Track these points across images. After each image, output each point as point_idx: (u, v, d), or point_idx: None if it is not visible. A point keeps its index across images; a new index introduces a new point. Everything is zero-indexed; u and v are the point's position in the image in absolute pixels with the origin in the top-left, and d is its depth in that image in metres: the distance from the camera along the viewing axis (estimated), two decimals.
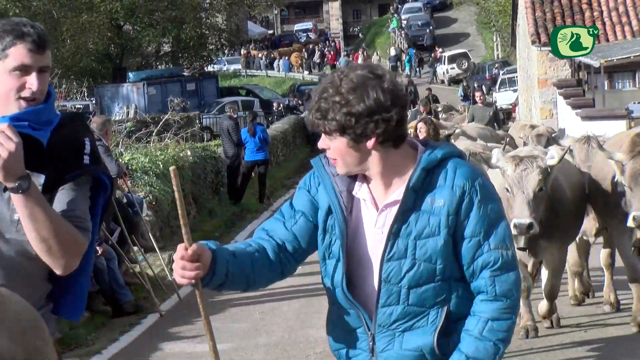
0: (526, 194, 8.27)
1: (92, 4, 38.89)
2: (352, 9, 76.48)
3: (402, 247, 3.46)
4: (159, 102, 35.69)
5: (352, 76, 3.40)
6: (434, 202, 3.46)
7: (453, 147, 3.64)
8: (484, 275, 3.47)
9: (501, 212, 3.54)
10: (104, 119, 13.56)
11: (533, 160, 8.45)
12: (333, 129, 3.44)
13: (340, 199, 3.54)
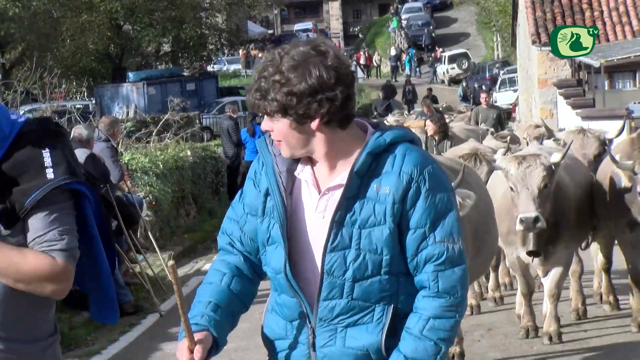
0: (531, 190, 8.17)
1: (92, 4, 38.87)
2: (352, 9, 76.48)
3: (346, 236, 3.25)
4: (159, 102, 35.67)
5: (293, 53, 3.21)
6: (379, 189, 3.25)
7: (406, 130, 3.41)
8: (427, 270, 3.26)
9: (451, 203, 3.31)
10: (111, 120, 13.53)
11: (536, 157, 8.36)
12: (274, 110, 3.23)
13: (279, 180, 3.35)
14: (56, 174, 3.16)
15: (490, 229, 7.91)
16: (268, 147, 3.42)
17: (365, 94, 50.11)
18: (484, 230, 7.64)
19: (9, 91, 21.22)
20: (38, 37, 36.40)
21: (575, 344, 8.97)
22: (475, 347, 9.05)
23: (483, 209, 7.64)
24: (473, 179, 8.06)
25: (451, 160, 8.48)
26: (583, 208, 9.02)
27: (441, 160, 7.84)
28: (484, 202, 7.72)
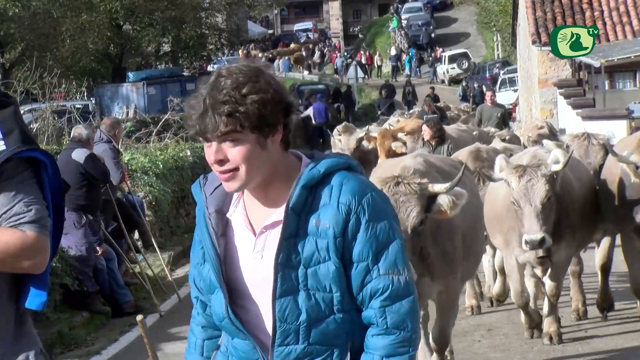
0: (534, 206, 8.02)
1: (92, 4, 38.85)
2: (352, 9, 76.47)
3: (292, 278, 3.06)
4: (159, 102, 35.65)
5: (241, 68, 3.04)
6: (319, 224, 3.06)
7: (342, 157, 3.22)
8: (374, 305, 3.09)
9: (393, 231, 3.13)
10: (113, 121, 13.51)
11: (537, 169, 8.14)
12: (251, 124, 2.99)
13: (208, 222, 3.16)
14: (8, 144, 3.07)
15: (477, 233, 7.86)
16: (201, 188, 3.24)
17: (365, 94, 50.10)
18: (471, 234, 7.61)
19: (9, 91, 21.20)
20: (38, 37, 36.37)
21: (576, 343, 8.97)
22: (475, 347, 9.04)
23: (472, 213, 7.59)
24: (469, 180, 8.00)
25: (442, 160, 8.30)
26: (587, 207, 8.87)
27: (432, 161, 7.77)
28: (473, 206, 7.66)
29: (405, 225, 6.63)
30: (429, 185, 6.80)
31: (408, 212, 6.68)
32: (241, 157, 3.02)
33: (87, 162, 11.19)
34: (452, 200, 6.68)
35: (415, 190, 6.72)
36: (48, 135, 18.21)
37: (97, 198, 11.54)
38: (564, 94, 26.12)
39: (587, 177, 9.14)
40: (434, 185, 6.81)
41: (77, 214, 11.28)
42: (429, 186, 6.79)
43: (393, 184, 6.75)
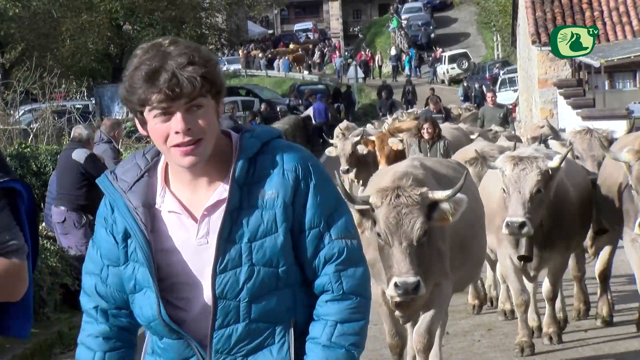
0: (522, 194, 7.93)
1: (92, 4, 38.87)
2: (352, 9, 76.46)
3: (235, 253, 2.93)
4: None
5: (180, 41, 2.95)
6: (264, 195, 2.95)
7: (272, 128, 3.17)
8: (328, 271, 2.98)
9: (339, 194, 3.08)
10: (112, 121, 13.52)
11: (533, 160, 8.09)
12: (212, 88, 2.93)
13: (137, 217, 2.98)
14: None
15: (477, 235, 7.66)
16: (113, 184, 3.06)
17: (365, 94, 50.09)
18: (470, 237, 7.44)
19: (9, 91, 21.21)
20: (38, 37, 36.39)
21: (576, 344, 8.97)
22: (475, 347, 9.04)
23: (471, 215, 7.40)
24: (468, 181, 7.77)
25: (440, 163, 8.18)
26: (582, 212, 8.70)
27: (429, 165, 7.61)
28: (472, 208, 7.47)
29: (410, 237, 6.54)
30: (430, 193, 6.69)
31: (412, 223, 6.56)
32: (207, 124, 2.93)
33: (87, 162, 11.19)
34: (452, 206, 6.60)
35: (417, 201, 6.61)
36: (48, 135, 18.21)
37: (98, 198, 11.51)
38: (563, 94, 26.12)
39: (583, 182, 8.96)
40: (434, 193, 6.70)
41: (77, 214, 11.28)
42: (429, 194, 6.68)
43: (394, 196, 6.63)
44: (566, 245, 8.53)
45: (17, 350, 9.62)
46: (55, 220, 11.48)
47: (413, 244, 6.52)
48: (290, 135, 31.55)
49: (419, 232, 6.55)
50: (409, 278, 6.38)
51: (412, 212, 6.58)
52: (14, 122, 19.33)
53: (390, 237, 6.56)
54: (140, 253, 2.99)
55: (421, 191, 6.67)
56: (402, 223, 6.54)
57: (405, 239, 6.53)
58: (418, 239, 6.55)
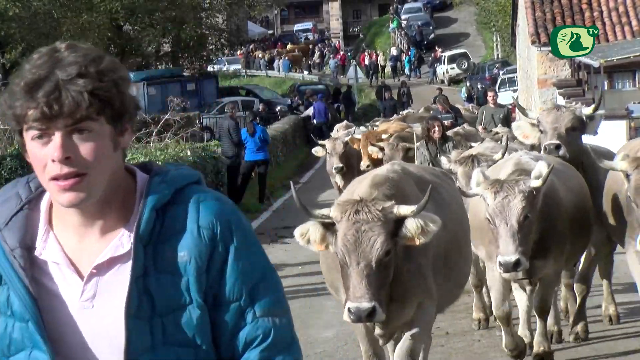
0: (510, 226, 7.40)
1: (92, 4, 38.87)
2: (352, 9, 76.45)
3: (146, 332, 2.34)
4: (159, 102, 35.65)
5: (82, 45, 2.44)
6: (175, 256, 2.36)
7: (189, 169, 2.53)
8: (251, 358, 2.38)
9: (266, 257, 2.47)
10: None
11: (514, 185, 7.50)
12: (106, 110, 2.31)
13: (14, 261, 2.36)
14: None
15: (462, 249, 7.06)
16: None
17: (365, 94, 50.09)
18: (455, 251, 6.86)
19: None
20: (38, 37, 36.37)
21: (576, 343, 8.98)
22: (475, 347, 9.05)
23: (455, 228, 6.89)
24: (447, 192, 7.19)
25: (424, 170, 7.67)
26: (578, 216, 8.21)
27: (412, 170, 7.08)
28: (457, 220, 7.00)
29: (368, 257, 5.95)
30: (395, 207, 6.08)
31: (371, 242, 5.95)
32: (94, 156, 2.30)
33: None
34: (420, 225, 5.98)
35: (378, 217, 6.00)
36: None
37: None
38: (563, 94, 26.14)
39: (578, 186, 8.47)
40: (400, 208, 6.08)
41: None
42: (394, 209, 6.08)
43: (353, 212, 6.02)
44: (560, 252, 8.03)
45: None
46: None
47: (372, 265, 5.94)
48: (290, 135, 31.56)
49: (379, 252, 5.95)
50: (362, 304, 5.84)
51: (372, 230, 5.97)
52: None
53: (347, 256, 5.99)
54: (19, 305, 2.35)
55: (383, 206, 6.08)
56: (360, 241, 5.96)
57: (363, 259, 5.95)
58: (378, 259, 5.96)
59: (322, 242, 6.13)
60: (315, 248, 6.20)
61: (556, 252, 7.97)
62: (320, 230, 6.12)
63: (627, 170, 7.53)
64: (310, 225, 6.17)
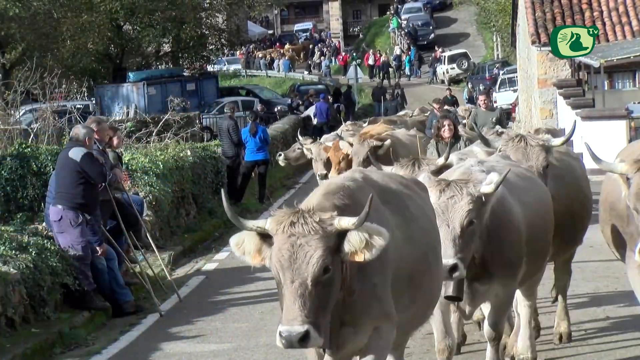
0: (452, 228, 6.78)
1: (92, 4, 38.84)
2: (352, 9, 76.44)
3: None
4: (159, 102, 35.66)
5: None
6: None
7: None
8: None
9: None
10: (93, 120, 13.26)
11: (463, 186, 6.91)
12: None
13: None
14: None
15: (431, 267, 6.38)
16: None
17: (365, 94, 50.08)
18: (423, 269, 6.21)
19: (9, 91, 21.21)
20: (38, 37, 36.37)
21: (576, 343, 8.99)
22: (475, 347, 9.06)
23: (423, 243, 6.28)
24: (415, 204, 6.49)
25: (390, 177, 6.77)
26: (534, 237, 7.48)
27: (375, 179, 6.39)
28: (425, 235, 6.36)
29: (304, 275, 5.33)
30: (335, 220, 5.48)
31: (307, 258, 5.35)
32: None
33: (83, 160, 11.22)
34: (364, 238, 5.42)
35: (316, 229, 5.41)
36: (48, 135, 18.20)
37: (95, 197, 11.53)
38: (563, 94, 26.15)
39: (536, 198, 7.74)
40: (340, 219, 5.48)
41: (74, 212, 11.29)
42: (334, 221, 5.47)
43: (288, 223, 5.43)
44: (510, 274, 7.28)
45: (17, 350, 9.64)
46: (52, 219, 11.50)
47: (307, 283, 5.32)
48: (290, 135, 31.55)
49: (315, 269, 5.33)
50: (293, 327, 5.25)
51: (308, 244, 5.37)
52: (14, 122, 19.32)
53: (282, 273, 5.40)
54: None
55: (322, 217, 5.49)
56: (296, 256, 5.36)
57: (298, 277, 5.34)
58: (314, 277, 5.33)
59: (258, 255, 5.55)
60: (251, 261, 5.59)
61: (504, 276, 7.23)
62: (257, 241, 5.55)
63: (627, 172, 6.83)
64: (246, 235, 5.58)
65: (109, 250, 11.81)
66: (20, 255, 10.75)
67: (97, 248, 11.53)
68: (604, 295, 10.62)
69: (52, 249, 11.21)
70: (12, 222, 12.84)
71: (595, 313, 9.94)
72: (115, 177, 12.01)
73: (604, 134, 20.86)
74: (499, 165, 7.71)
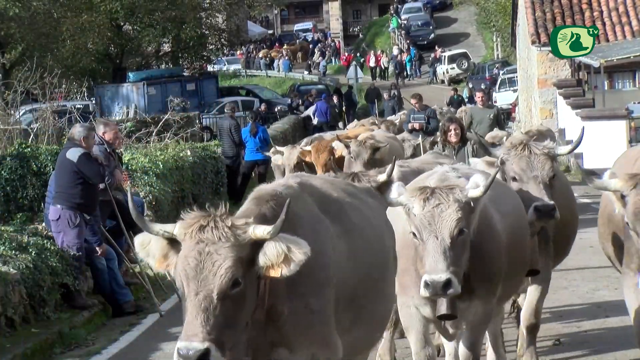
0: (441, 240, 6.16)
1: (92, 4, 38.86)
2: (352, 9, 76.44)
3: None
4: (159, 102, 35.68)
5: None
6: None
7: None
8: None
9: None
10: (103, 122, 13.30)
11: (448, 192, 6.29)
12: None
13: None
14: None
15: (377, 285, 5.74)
16: None
17: (365, 94, 50.08)
18: (368, 288, 5.61)
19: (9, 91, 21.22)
20: (38, 37, 36.40)
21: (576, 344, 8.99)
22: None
23: (368, 259, 5.66)
24: (360, 215, 5.84)
25: (332, 183, 6.04)
26: (514, 249, 6.94)
27: (315, 185, 5.76)
28: (371, 250, 5.72)
29: (209, 287, 4.74)
30: (250, 227, 4.88)
31: (215, 268, 4.76)
32: None
33: (80, 161, 11.22)
34: (283, 251, 4.84)
35: (227, 236, 4.82)
36: (48, 135, 18.21)
37: (94, 197, 11.53)
38: (563, 94, 26.17)
39: (512, 207, 7.20)
40: (256, 228, 4.87)
41: (72, 212, 11.28)
42: (249, 229, 4.87)
43: (197, 228, 4.88)
44: (491, 289, 6.75)
45: (17, 350, 9.64)
46: (50, 218, 11.52)
47: (212, 296, 4.73)
48: (290, 135, 31.56)
49: (223, 281, 4.75)
50: (192, 343, 4.68)
51: (217, 252, 4.79)
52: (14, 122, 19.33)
53: (186, 283, 4.82)
54: None
55: (234, 222, 4.89)
56: (203, 266, 4.78)
57: (203, 288, 4.75)
58: (221, 290, 4.75)
59: (164, 260, 5.03)
60: (155, 266, 5.10)
61: (485, 292, 6.69)
62: (164, 245, 5.04)
63: (623, 190, 6.32)
64: (153, 237, 5.09)
65: (109, 250, 11.81)
66: (20, 255, 10.75)
67: (97, 248, 11.53)
68: (604, 295, 10.62)
69: (52, 249, 11.21)
70: (12, 222, 12.84)
71: (595, 313, 9.94)
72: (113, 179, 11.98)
73: (604, 134, 20.88)
74: (472, 171, 7.09)
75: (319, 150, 14.32)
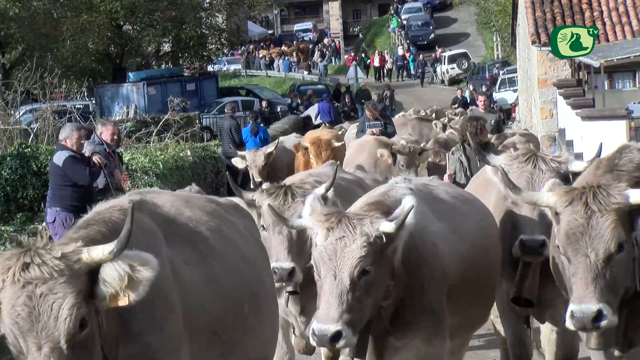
0: (338, 280, 5.22)
1: (92, 4, 38.88)
2: (352, 9, 76.47)
3: None
4: (159, 102, 35.69)
5: None
6: None
7: None
8: None
9: None
10: (100, 122, 13.28)
11: (357, 223, 5.34)
12: None
13: None
14: None
15: (247, 320, 5.01)
16: None
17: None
18: (234, 323, 4.87)
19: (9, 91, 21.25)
20: (38, 37, 36.43)
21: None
22: (475, 347, 9.06)
23: (232, 289, 4.89)
24: (222, 238, 5.10)
25: (189, 202, 5.27)
26: (472, 277, 6.05)
27: (159, 205, 5.01)
28: (234, 276, 4.94)
29: (54, 337, 3.91)
30: (84, 252, 4.03)
31: (55, 311, 3.92)
32: None
33: (65, 164, 11.23)
34: (125, 272, 4.01)
35: (59, 270, 3.94)
36: (48, 135, 18.23)
37: (89, 198, 11.47)
38: (563, 94, 26.14)
39: (477, 227, 6.31)
40: (90, 250, 4.04)
41: (67, 214, 11.29)
42: (82, 254, 4.02)
43: (18, 268, 3.96)
44: (434, 324, 5.79)
45: None
46: (47, 220, 11.54)
47: (61, 347, 3.90)
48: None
49: (70, 324, 3.92)
50: None
51: (53, 292, 3.92)
52: (14, 122, 19.36)
53: (22, 340, 3.93)
54: None
55: (63, 251, 4.05)
56: (39, 312, 3.90)
57: (47, 340, 3.90)
58: (69, 336, 3.92)
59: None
60: None
61: (425, 327, 5.77)
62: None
63: (556, 206, 5.38)
64: None
65: None
66: None
67: None
68: None
69: None
70: (12, 222, 12.86)
71: None
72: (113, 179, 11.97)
73: (604, 134, 20.85)
74: (433, 183, 6.38)
75: (320, 147, 14.12)
